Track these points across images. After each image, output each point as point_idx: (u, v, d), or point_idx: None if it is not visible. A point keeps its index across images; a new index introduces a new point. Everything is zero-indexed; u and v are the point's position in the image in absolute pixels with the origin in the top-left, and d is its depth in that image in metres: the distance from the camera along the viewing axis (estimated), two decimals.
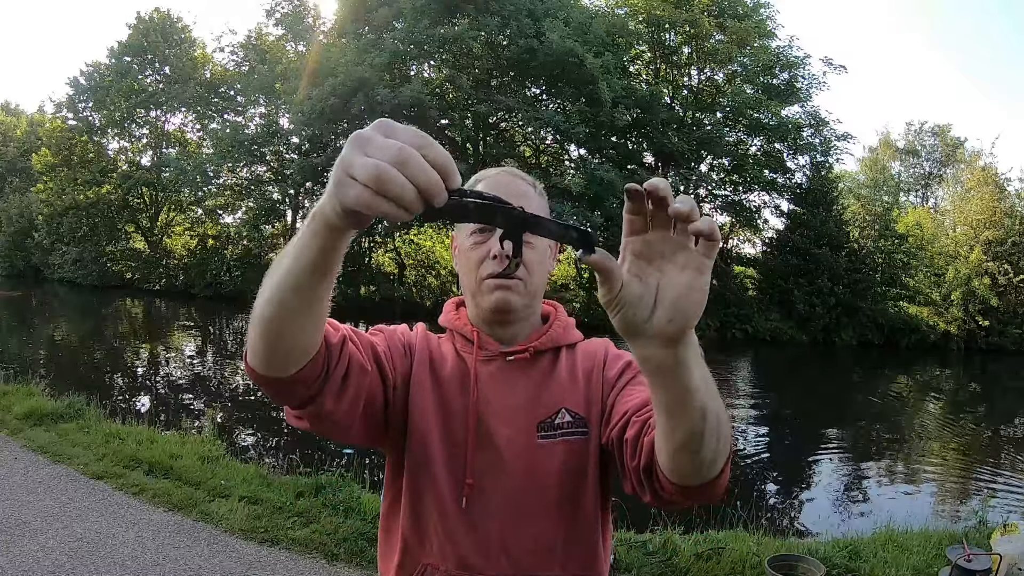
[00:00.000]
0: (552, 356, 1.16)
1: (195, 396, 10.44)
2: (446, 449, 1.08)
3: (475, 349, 1.13)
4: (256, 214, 26.06)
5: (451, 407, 1.10)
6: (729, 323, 21.77)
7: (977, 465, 8.77)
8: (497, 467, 1.07)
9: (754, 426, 10.81)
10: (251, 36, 27.37)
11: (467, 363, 1.13)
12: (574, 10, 21.37)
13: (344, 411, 0.94)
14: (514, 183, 1.16)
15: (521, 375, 1.12)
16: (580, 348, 1.19)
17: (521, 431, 1.08)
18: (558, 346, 1.17)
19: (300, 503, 4.23)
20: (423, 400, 1.10)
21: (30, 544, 3.56)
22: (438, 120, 22.02)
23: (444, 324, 1.21)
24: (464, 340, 1.16)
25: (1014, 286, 22.52)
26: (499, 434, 1.08)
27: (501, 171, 1.19)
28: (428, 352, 1.15)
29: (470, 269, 1.13)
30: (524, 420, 1.09)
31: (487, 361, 1.13)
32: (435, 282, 25.78)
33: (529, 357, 1.13)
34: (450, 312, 1.22)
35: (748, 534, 4.08)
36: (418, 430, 1.09)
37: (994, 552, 3.01)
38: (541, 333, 1.17)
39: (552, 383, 1.13)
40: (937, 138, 37.77)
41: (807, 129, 23.51)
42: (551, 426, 1.09)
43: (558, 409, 1.10)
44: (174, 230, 30.45)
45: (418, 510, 1.09)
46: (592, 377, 1.14)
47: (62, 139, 28.72)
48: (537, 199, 1.18)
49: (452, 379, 1.12)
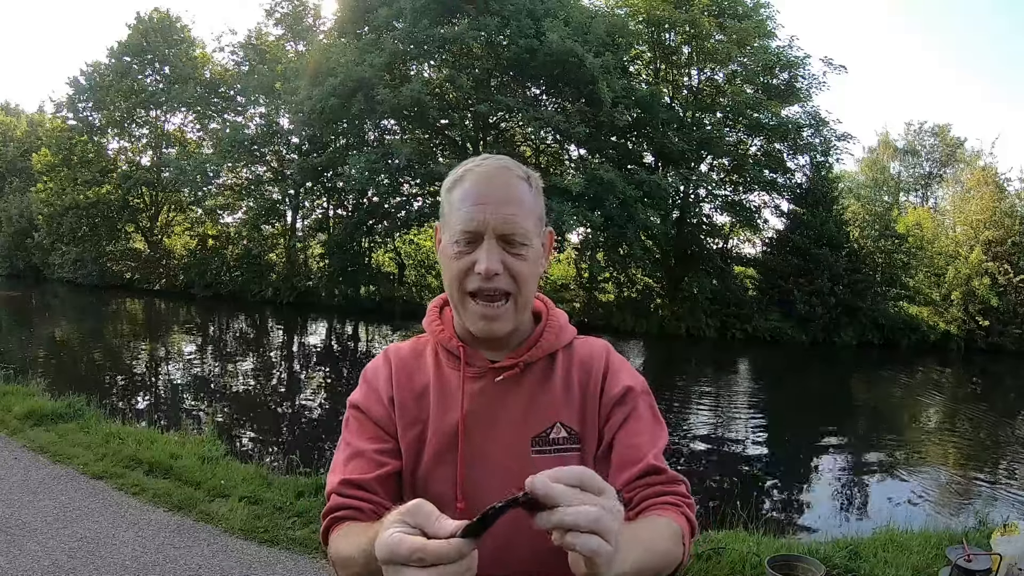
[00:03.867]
0: (546, 363, 1.10)
1: (195, 396, 10.44)
2: (437, 472, 1.05)
3: (462, 366, 1.08)
4: (256, 214, 26.06)
5: (439, 428, 1.06)
6: (729, 323, 21.76)
7: (977, 465, 8.77)
8: (490, 485, 1.03)
9: (754, 426, 10.82)
10: (251, 36, 27.39)
11: (453, 380, 1.08)
12: (574, 10, 21.35)
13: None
14: (503, 176, 1.04)
15: (512, 388, 1.07)
16: (576, 350, 1.13)
17: (514, 447, 1.05)
18: (552, 352, 1.11)
19: (300, 503, 4.23)
20: (411, 428, 1.07)
21: (30, 544, 3.56)
22: (438, 120, 22.02)
23: (428, 331, 1.15)
24: (450, 355, 1.10)
25: (1014, 286, 22.49)
26: (491, 451, 1.05)
27: (491, 164, 1.06)
28: (406, 377, 1.11)
29: (453, 278, 1.05)
30: (517, 435, 1.05)
31: (476, 378, 1.08)
32: (435, 282, 25.73)
33: (520, 371, 1.08)
34: (433, 318, 1.16)
35: (748, 534, 4.07)
36: (409, 456, 1.07)
37: (994, 552, 3.00)
38: (532, 343, 1.10)
39: (546, 395, 1.08)
40: (937, 138, 37.73)
41: (807, 129, 23.46)
42: (546, 440, 1.05)
43: (553, 423, 1.06)
44: (174, 230, 30.43)
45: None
46: (588, 390, 1.09)
47: (62, 139, 28.68)
48: (530, 196, 1.06)
49: (438, 398, 1.08)
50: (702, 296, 22.11)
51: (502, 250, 1.02)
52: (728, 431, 10.46)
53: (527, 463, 1.04)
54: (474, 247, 1.02)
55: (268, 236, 27.37)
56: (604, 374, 1.10)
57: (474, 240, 1.02)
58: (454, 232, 1.03)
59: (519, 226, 1.02)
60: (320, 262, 25.74)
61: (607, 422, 1.08)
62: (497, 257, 1.01)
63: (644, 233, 21.31)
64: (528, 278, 1.05)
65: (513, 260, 1.02)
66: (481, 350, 1.09)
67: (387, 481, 1.05)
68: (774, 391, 14.61)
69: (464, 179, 1.05)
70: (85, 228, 28.50)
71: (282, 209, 26.80)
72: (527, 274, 1.04)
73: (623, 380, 1.10)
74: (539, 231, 1.07)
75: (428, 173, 20.76)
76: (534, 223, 1.05)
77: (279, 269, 25.96)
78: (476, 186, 1.03)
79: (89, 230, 28.51)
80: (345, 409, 1.14)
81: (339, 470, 1.06)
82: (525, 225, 1.03)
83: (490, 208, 1.01)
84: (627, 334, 20.46)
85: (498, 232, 1.01)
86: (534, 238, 1.05)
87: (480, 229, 1.01)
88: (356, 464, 1.05)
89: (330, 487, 1.06)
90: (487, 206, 1.01)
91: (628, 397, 1.08)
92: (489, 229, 1.01)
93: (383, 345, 20.15)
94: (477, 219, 1.01)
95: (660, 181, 20.71)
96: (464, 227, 1.02)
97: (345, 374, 13.20)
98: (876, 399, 14.32)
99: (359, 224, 24.27)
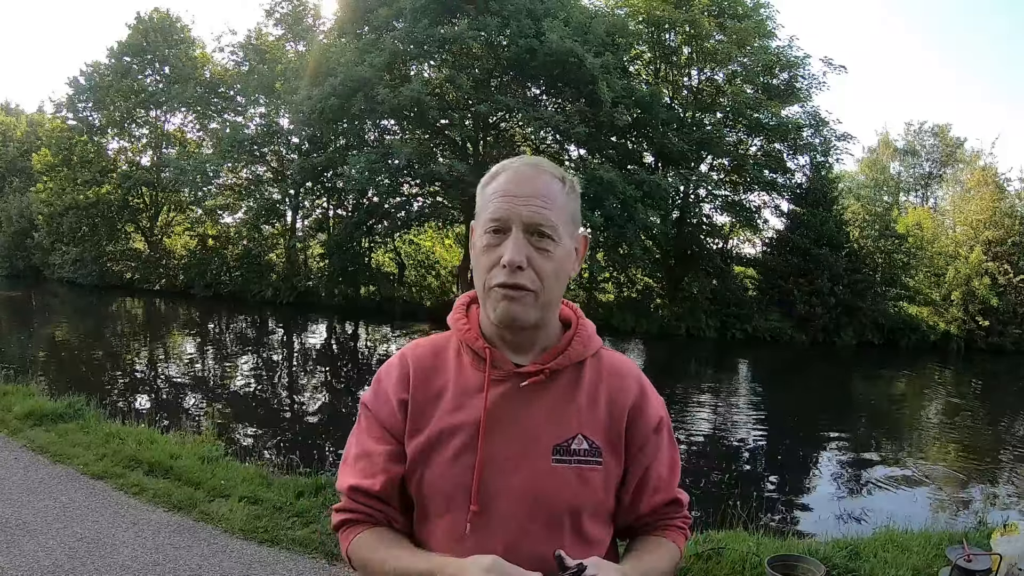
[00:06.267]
0: (573, 372, 1.10)
1: (195, 396, 10.44)
2: (451, 473, 1.05)
3: (487, 368, 1.07)
4: (256, 214, 26.07)
5: (457, 428, 1.05)
6: (729, 323, 21.76)
7: (977, 465, 8.77)
8: (506, 490, 1.03)
9: (754, 426, 10.82)
10: (251, 36, 27.36)
11: (476, 381, 1.07)
12: (574, 10, 21.34)
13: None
14: (535, 172, 1.06)
15: (537, 394, 1.06)
16: (604, 363, 1.13)
17: (535, 453, 1.04)
18: (579, 361, 1.10)
19: (300, 503, 4.22)
20: (425, 429, 1.07)
21: (30, 544, 3.56)
22: (438, 120, 22.01)
23: (453, 328, 1.14)
24: (475, 355, 1.09)
25: (1014, 286, 22.49)
26: (511, 456, 1.04)
27: (525, 164, 1.08)
28: (424, 378, 1.10)
29: (481, 271, 1.06)
30: (539, 442, 1.05)
31: (500, 381, 1.07)
32: (435, 282, 25.76)
33: (546, 377, 1.07)
34: (460, 315, 1.15)
35: (748, 534, 4.07)
36: (419, 457, 1.07)
37: (994, 552, 3.00)
38: (559, 350, 1.09)
39: (571, 405, 1.07)
40: (937, 138, 37.72)
41: (807, 129, 23.46)
42: (567, 451, 1.05)
43: (575, 434, 1.06)
44: (174, 230, 30.43)
45: (424, 535, 1.09)
46: (615, 410, 1.09)
47: (62, 139, 28.68)
48: (563, 195, 1.06)
49: (458, 399, 1.07)
50: (702, 296, 22.11)
51: (529, 244, 1.02)
52: (728, 431, 10.47)
53: (547, 471, 1.04)
54: (501, 238, 1.03)
55: (268, 236, 27.38)
56: (641, 401, 1.12)
57: (501, 230, 1.03)
58: (483, 223, 1.06)
59: (546, 218, 1.03)
60: (320, 262, 25.74)
61: (641, 450, 1.11)
62: (523, 250, 1.01)
63: (644, 233, 21.28)
64: (553, 276, 1.05)
65: (538, 256, 1.02)
66: (507, 352, 1.09)
67: (394, 489, 1.09)
68: (774, 391, 14.60)
69: (498, 175, 1.07)
70: (85, 228, 28.51)
71: (282, 209, 26.81)
72: (552, 272, 1.04)
73: (658, 411, 1.14)
74: (570, 231, 1.08)
75: (428, 173, 20.76)
76: (564, 220, 1.06)
77: (279, 269, 25.97)
78: (508, 181, 1.05)
79: (89, 230, 28.52)
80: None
81: (349, 468, 1.13)
82: (553, 218, 1.03)
83: (520, 200, 1.03)
84: (627, 334, 20.44)
85: (525, 222, 1.02)
86: (563, 235, 1.05)
87: (507, 218, 1.03)
88: (364, 465, 1.10)
89: (341, 484, 1.12)
90: (517, 198, 1.03)
91: (660, 425, 1.13)
92: (517, 219, 1.02)
93: (383, 345, 20.00)
94: (505, 208, 1.03)
95: (660, 181, 20.70)
96: (492, 216, 1.04)
97: (345, 374, 13.20)
98: (876, 399, 14.32)
99: (359, 224, 24.27)
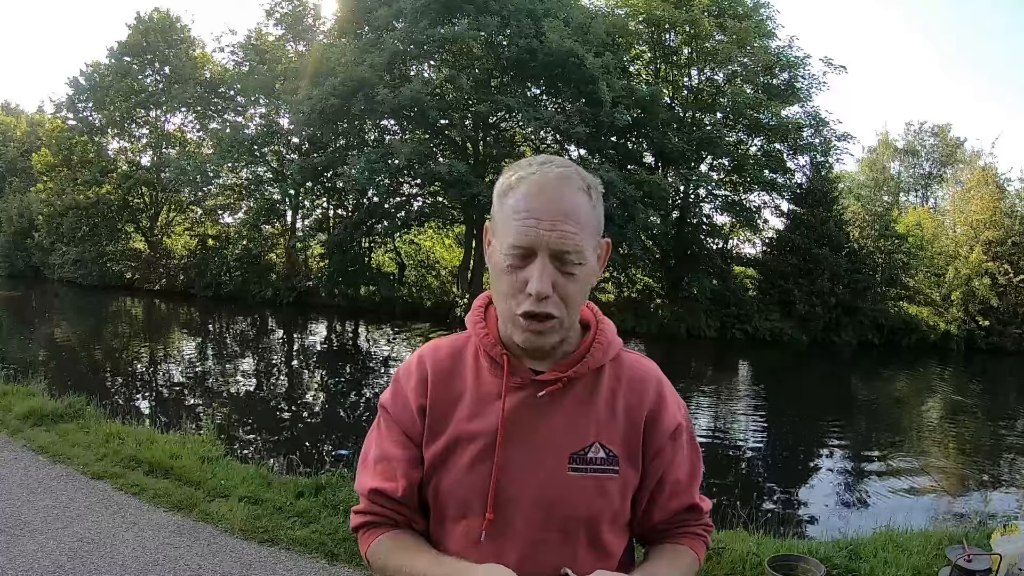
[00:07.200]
0: (591, 378, 1.07)
1: (195, 396, 10.43)
2: (467, 480, 1.04)
3: (505, 375, 1.05)
4: (256, 214, 26.06)
5: (475, 435, 1.04)
6: (729, 323, 21.77)
7: (977, 465, 8.78)
8: (522, 498, 1.02)
9: (754, 426, 10.83)
10: (251, 36, 27.34)
11: (494, 388, 1.06)
12: (574, 10, 21.36)
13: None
14: (560, 188, 0.98)
15: (554, 401, 1.05)
16: (624, 367, 1.10)
17: (551, 462, 1.03)
18: (598, 367, 1.08)
19: (300, 503, 4.23)
20: (443, 435, 1.06)
21: (30, 544, 3.56)
22: (438, 120, 22.01)
23: (471, 331, 1.11)
24: (492, 361, 1.07)
25: (1014, 286, 22.51)
26: (527, 464, 1.03)
27: (549, 172, 0.99)
28: (442, 383, 1.08)
29: (504, 292, 1.02)
30: (555, 450, 1.04)
31: (517, 389, 1.05)
32: (435, 282, 25.76)
33: (564, 386, 1.05)
34: (478, 318, 1.11)
35: (748, 534, 4.07)
36: (436, 462, 1.07)
37: (994, 552, 3.00)
38: (578, 357, 1.06)
39: (588, 413, 1.05)
40: (937, 138, 37.70)
41: (807, 129, 23.49)
42: (583, 459, 1.04)
43: (592, 442, 1.04)
44: (174, 230, 30.40)
45: (440, 537, 1.09)
46: (635, 418, 1.07)
47: (62, 139, 28.68)
48: (588, 208, 1.01)
49: (476, 405, 1.06)
50: (702, 296, 22.10)
51: (555, 269, 0.98)
52: (728, 431, 10.47)
53: (563, 479, 1.03)
54: (526, 262, 0.99)
55: (268, 236, 27.36)
56: (657, 407, 1.09)
57: (527, 256, 0.98)
58: (506, 244, 1.00)
59: (575, 244, 0.98)
60: (320, 262, 25.73)
61: (657, 456, 1.09)
62: (549, 278, 0.97)
63: (644, 233, 21.30)
64: (578, 299, 1.02)
65: (564, 281, 0.99)
66: (525, 359, 1.07)
67: (414, 493, 1.09)
68: (774, 391, 14.61)
69: (518, 186, 1.00)
70: (85, 228, 28.48)
71: (282, 209, 26.80)
72: (577, 293, 1.01)
73: (676, 416, 1.11)
74: (594, 244, 1.03)
75: (428, 173, 20.75)
76: (590, 236, 1.01)
77: (279, 269, 25.96)
78: (531, 198, 0.98)
79: (89, 230, 28.49)
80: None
81: (368, 470, 1.12)
82: (581, 243, 0.99)
83: (545, 224, 0.97)
84: (627, 334, 20.32)
85: (552, 249, 0.97)
86: (589, 255, 1.01)
87: (533, 246, 0.97)
88: (384, 468, 1.10)
89: (361, 487, 1.12)
90: (542, 221, 0.97)
91: (678, 432, 1.10)
92: (543, 246, 0.97)
93: (383, 345, 19.96)
94: (531, 235, 0.97)
95: (660, 181, 20.71)
96: (516, 242, 0.98)
97: (345, 374, 13.20)
98: (876, 399, 14.32)
99: (359, 224, 24.27)
